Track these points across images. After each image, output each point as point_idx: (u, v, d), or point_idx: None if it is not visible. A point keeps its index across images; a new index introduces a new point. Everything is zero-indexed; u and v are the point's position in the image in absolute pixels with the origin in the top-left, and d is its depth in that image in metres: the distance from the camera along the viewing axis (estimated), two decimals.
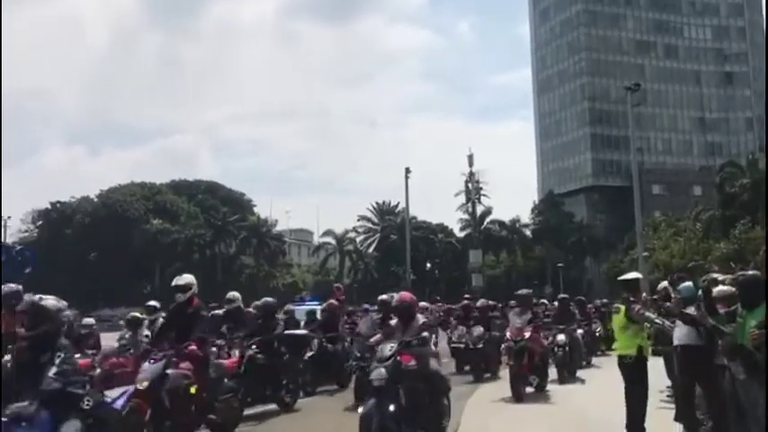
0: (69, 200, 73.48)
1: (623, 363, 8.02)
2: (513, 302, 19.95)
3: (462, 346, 15.40)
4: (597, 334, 19.30)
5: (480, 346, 14.97)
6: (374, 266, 74.29)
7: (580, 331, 16.14)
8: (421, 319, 7.96)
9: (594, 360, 17.43)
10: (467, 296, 21.03)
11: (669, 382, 9.64)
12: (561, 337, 14.16)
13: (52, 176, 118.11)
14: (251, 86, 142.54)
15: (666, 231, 54.84)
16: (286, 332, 11.46)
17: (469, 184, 70.29)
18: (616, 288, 10.07)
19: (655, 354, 9.00)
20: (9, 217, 60.88)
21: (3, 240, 53.67)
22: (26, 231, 71.73)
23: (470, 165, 69.48)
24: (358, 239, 76.88)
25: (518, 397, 11.12)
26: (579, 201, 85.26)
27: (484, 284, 58.10)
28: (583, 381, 13.99)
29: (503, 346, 12.64)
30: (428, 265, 74.76)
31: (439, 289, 62.96)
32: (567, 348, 14.16)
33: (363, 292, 63.04)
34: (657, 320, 7.81)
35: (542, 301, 23.40)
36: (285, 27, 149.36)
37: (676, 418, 8.04)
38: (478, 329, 15.26)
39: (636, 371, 7.88)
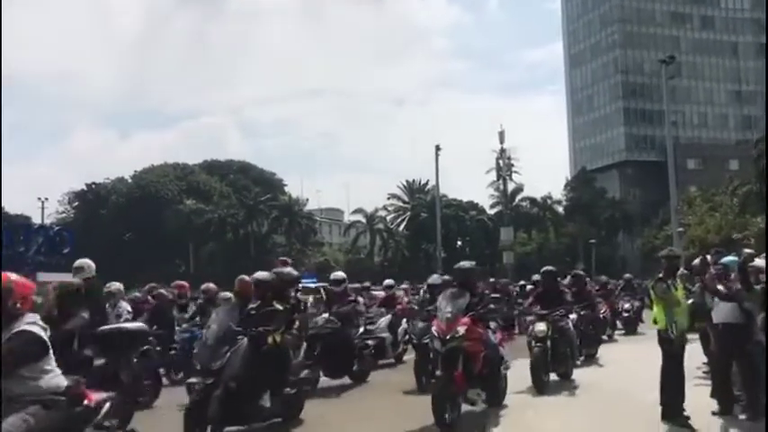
0: (104, 181, 74.75)
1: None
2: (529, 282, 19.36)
3: None
4: (602, 316, 16.77)
5: None
6: (405, 245, 74.34)
7: (573, 317, 12.20)
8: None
9: (601, 350, 14.41)
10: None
11: (705, 359, 9.55)
12: (541, 327, 10.31)
13: (86, 159, 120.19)
14: (279, 66, 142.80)
15: (702, 206, 53.93)
16: None
17: (500, 161, 69.83)
18: (650, 264, 9.86)
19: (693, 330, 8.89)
20: (47, 198, 62.27)
21: (41, 222, 54.87)
22: (63, 212, 73.18)
23: (501, 141, 68.90)
24: (388, 218, 76.96)
25: (442, 426, 7.39)
26: (612, 176, 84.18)
27: (515, 262, 57.86)
28: (573, 389, 10.29)
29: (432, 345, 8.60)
30: (459, 242, 74.52)
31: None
32: (548, 343, 10.29)
33: (394, 269, 63.24)
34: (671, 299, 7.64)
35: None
36: (312, 5, 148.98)
37: (712, 395, 7.97)
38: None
39: (665, 346, 7.76)
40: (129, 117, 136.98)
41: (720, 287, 7.81)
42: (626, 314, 19.94)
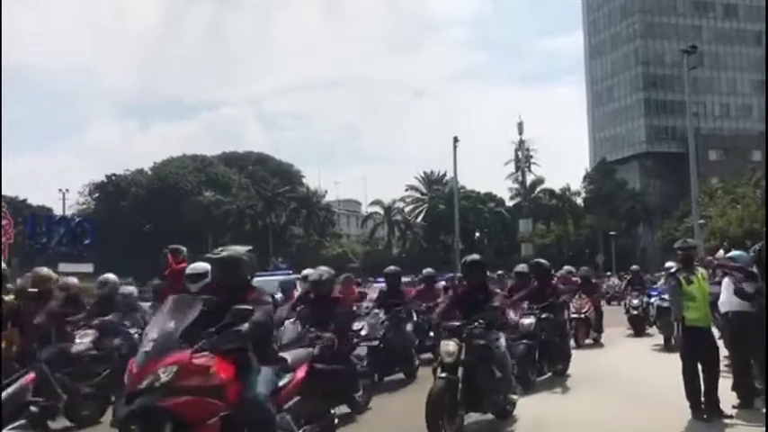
0: (124, 173, 75.40)
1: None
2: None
3: None
4: (583, 316, 14.92)
5: None
6: (422, 236, 74.29)
7: (529, 321, 9.99)
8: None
9: (580, 358, 11.98)
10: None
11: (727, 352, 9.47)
12: (448, 348, 6.82)
13: (106, 151, 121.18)
14: (297, 57, 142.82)
15: (724, 198, 53.31)
16: None
17: (519, 153, 69.58)
18: (670, 256, 9.68)
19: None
20: (67, 190, 62.90)
21: (62, 213, 55.47)
22: (84, 204, 73.92)
23: (520, 133, 68.83)
24: (406, 209, 76.93)
25: None
26: (632, 168, 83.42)
27: (534, 254, 57.65)
28: None
29: None
30: (477, 234, 74.38)
31: (488, 259, 62.66)
32: (458, 373, 6.74)
33: (412, 261, 63.21)
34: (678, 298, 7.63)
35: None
36: None
37: (733, 388, 7.89)
38: None
39: (682, 340, 7.78)
40: (149, 109, 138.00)
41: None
42: (634, 312, 16.98)
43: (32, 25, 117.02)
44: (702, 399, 7.44)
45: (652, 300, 15.91)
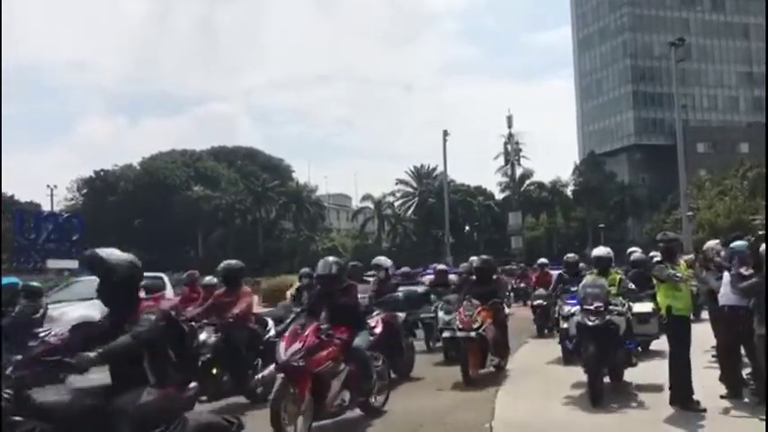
0: (113, 168, 75.02)
1: (661, 322, 8.45)
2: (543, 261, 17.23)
3: None
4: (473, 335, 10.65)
5: None
6: (413, 230, 74.37)
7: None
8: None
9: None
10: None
11: (715, 343, 9.54)
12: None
13: (94, 146, 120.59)
14: (289, 52, 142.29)
15: (711, 190, 53.58)
16: None
17: (508, 146, 69.76)
18: (656, 248, 9.85)
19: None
20: (55, 186, 62.52)
21: (50, 209, 55.11)
22: (72, 200, 73.51)
23: (509, 126, 68.98)
24: (396, 203, 77.00)
25: None
26: (621, 160, 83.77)
27: (524, 246, 57.86)
28: None
29: None
30: (467, 228, 74.54)
31: (478, 252, 62.82)
32: None
33: (402, 255, 63.29)
34: (677, 276, 7.67)
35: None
36: None
37: (721, 379, 7.96)
38: None
39: (668, 330, 7.86)
40: (138, 103, 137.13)
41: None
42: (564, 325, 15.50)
43: (21, 20, 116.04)
44: (670, 387, 7.53)
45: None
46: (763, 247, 7.36)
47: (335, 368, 6.71)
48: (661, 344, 10.26)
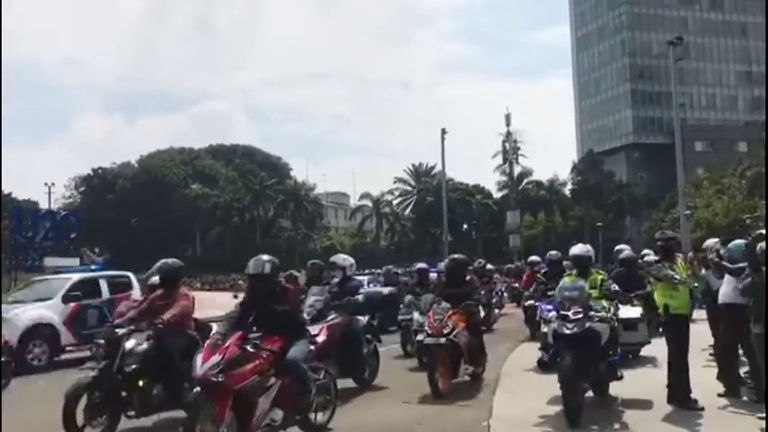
0: (110, 166, 74.96)
1: (659, 321, 8.25)
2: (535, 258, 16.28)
3: None
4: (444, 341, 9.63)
5: None
6: (411, 228, 74.40)
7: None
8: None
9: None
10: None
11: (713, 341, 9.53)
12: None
13: (92, 144, 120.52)
14: (286, 49, 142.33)
15: (709, 189, 53.61)
16: None
17: (507, 144, 69.78)
18: (647, 246, 9.82)
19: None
20: (53, 183, 62.41)
21: (48, 207, 55.01)
22: (70, 197, 73.48)
23: (508, 124, 68.97)
24: (395, 202, 77.09)
25: None
26: (619, 159, 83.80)
27: (521, 245, 57.86)
28: None
29: None
30: (465, 226, 74.56)
31: (476, 250, 62.85)
32: None
33: (400, 254, 63.31)
34: (675, 278, 7.63)
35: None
36: None
37: (719, 377, 7.96)
38: None
39: (666, 329, 7.85)
40: (136, 101, 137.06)
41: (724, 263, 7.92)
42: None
43: (18, 18, 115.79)
44: (668, 386, 7.52)
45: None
46: (761, 245, 7.35)
47: (263, 383, 5.88)
48: (652, 349, 10.04)
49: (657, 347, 9.53)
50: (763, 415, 6.48)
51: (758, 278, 6.91)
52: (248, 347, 5.84)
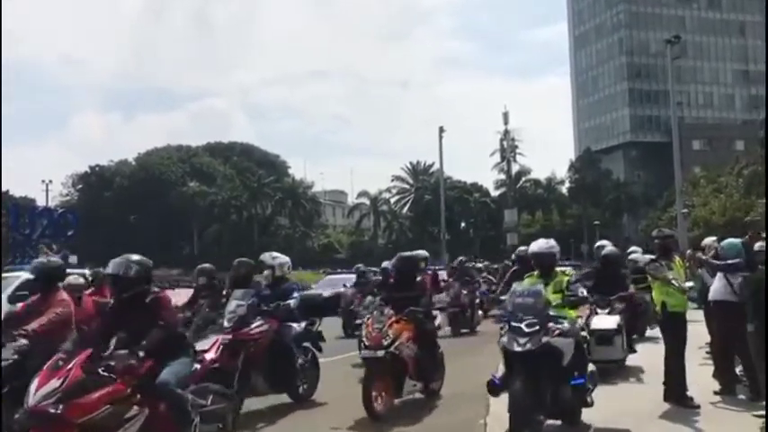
0: (108, 164, 74.89)
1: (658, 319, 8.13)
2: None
3: None
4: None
5: None
6: (408, 227, 74.44)
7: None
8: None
9: None
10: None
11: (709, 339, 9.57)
12: None
13: (89, 141, 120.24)
14: (284, 47, 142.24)
15: (707, 187, 53.68)
16: None
17: (504, 143, 69.83)
18: (652, 245, 9.54)
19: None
20: (50, 181, 62.39)
21: (46, 204, 54.97)
22: (67, 195, 73.46)
23: (505, 123, 69.04)
24: (392, 200, 77.14)
25: None
26: (617, 158, 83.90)
27: (519, 243, 57.86)
28: None
29: None
30: (463, 224, 74.63)
31: (474, 248, 62.91)
32: None
33: (398, 252, 63.21)
34: (674, 282, 7.61)
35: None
36: None
37: (715, 375, 7.99)
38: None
39: (664, 326, 7.84)
40: (133, 99, 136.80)
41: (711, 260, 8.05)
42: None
43: (16, 16, 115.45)
44: (664, 384, 7.53)
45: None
46: (759, 244, 7.39)
47: (119, 414, 4.77)
48: (636, 359, 9.52)
49: (641, 358, 9.43)
50: (759, 413, 6.51)
51: (756, 276, 6.93)
52: (100, 370, 4.77)
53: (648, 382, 8.14)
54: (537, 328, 5.72)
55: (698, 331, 9.12)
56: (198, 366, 5.83)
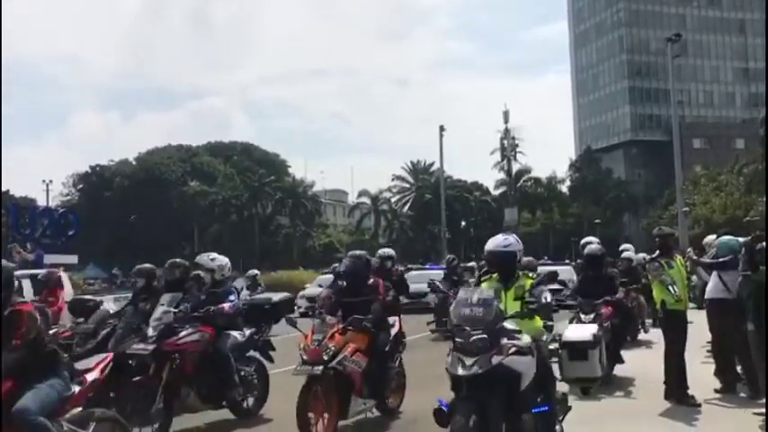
0: (108, 163, 74.92)
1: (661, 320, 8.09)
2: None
3: None
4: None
5: None
6: (409, 226, 74.42)
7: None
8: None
9: None
10: None
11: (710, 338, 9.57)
12: None
13: (89, 141, 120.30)
14: (283, 46, 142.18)
15: (707, 186, 53.73)
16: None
17: (505, 141, 69.75)
18: (654, 244, 9.38)
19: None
20: (51, 181, 62.38)
21: (46, 204, 54.98)
22: (68, 195, 73.48)
23: (506, 121, 68.89)
24: (393, 199, 77.07)
25: None
26: (617, 156, 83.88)
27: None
28: None
29: None
30: (463, 223, 74.60)
31: (474, 247, 62.89)
32: None
33: (399, 251, 63.27)
34: (672, 288, 7.60)
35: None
36: None
37: (716, 373, 7.99)
38: None
39: (663, 325, 7.89)
40: (133, 99, 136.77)
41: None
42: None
43: (15, 15, 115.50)
44: (665, 382, 7.53)
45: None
46: (761, 245, 7.38)
47: None
48: (624, 370, 8.94)
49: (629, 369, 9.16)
50: (759, 411, 6.52)
51: (757, 277, 6.92)
52: None
53: (641, 390, 8.09)
54: (487, 344, 4.58)
55: (699, 330, 9.14)
56: (77, 389, 4.87)
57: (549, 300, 5.17)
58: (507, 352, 4.61)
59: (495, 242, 5.54)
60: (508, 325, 4.83)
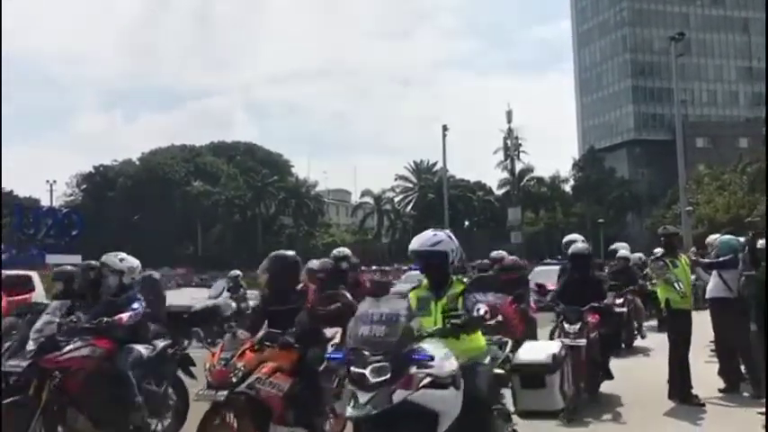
0: (112, 164, 75.06)
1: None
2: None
3: None
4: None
5: None
6: (412, 225, 74.30)
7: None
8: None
9: None
10: None
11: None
12: None
13: (93, 141, 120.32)
14: (286, 45, 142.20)
15: (711, 185, 53.65)
16: None
17: (508, 141, 69.65)
18: (658, 244, 9.27)
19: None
20: (55, 181, 62.55)
21: (50, 204, 55.12)
22: (71, 195, 73.62)
23: (509, 121, 68.72)
24: (396, 199, 77.06)
25: None
26: (621, 155, 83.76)
27: (523, 242, 57.81)
28: None
29: None
30: (466, 223, 74.55)
31: (478, 247, 62.87)
32: None
33: (402, 250, 63.27)
34: (677, 287, 7.58)
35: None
36: None
37: (720, 373, 7.99)
38: None
39: (669, 324, 7.91)
40: (136, 99, 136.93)
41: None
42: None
43: (18, 14, 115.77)
44: (669, 381, 7.52)
45: None
46: (760, 242, 7.38)
47: None
48: (613, 385, 7.98)
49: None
50: (762, 410, 6.51)
51: (758, 276, 6.93)
52: None
53: (634, 408, 7.55)
54: (387, 376, 3.55)
55: (703, 329, 9.13)
56: None
57: (481, 313, 4.17)
58: (417, 385, 3.62)
59: (420, 240, 4.83)
60: (429, 347, 3.81)
